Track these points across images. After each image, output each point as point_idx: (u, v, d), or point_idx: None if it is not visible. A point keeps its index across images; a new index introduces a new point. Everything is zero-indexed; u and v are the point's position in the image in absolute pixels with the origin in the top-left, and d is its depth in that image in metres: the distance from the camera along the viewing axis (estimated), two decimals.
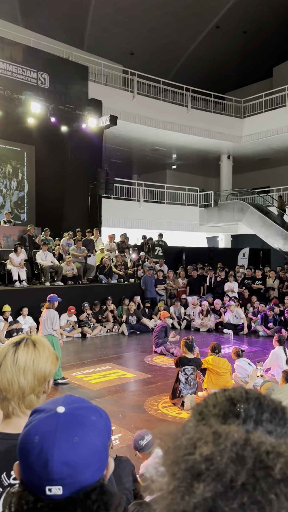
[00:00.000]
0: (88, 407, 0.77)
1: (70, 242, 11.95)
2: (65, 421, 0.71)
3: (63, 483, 0.67)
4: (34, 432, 0.71)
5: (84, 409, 0.75)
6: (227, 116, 18.85)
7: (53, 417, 0.72)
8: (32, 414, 0.76)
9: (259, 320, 10.86)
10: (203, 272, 13.37)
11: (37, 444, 0.69)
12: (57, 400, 0.77)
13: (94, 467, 0.71)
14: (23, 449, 0.71)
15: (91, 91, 14.73)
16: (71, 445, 0.69)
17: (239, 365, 6.13)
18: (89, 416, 0.74)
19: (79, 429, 0.71)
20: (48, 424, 0.71)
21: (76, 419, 0.72)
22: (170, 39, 20.74)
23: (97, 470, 0.72)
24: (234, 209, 18.67)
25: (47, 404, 0.76)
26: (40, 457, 0.68)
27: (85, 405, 0.77)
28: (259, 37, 20.65)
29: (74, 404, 0.75)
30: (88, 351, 8.82)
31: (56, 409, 0.73)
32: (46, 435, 0.70)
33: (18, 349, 1.19)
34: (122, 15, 18.85)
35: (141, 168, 24.27)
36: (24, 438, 0.72)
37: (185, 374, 5.59)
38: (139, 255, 13.33)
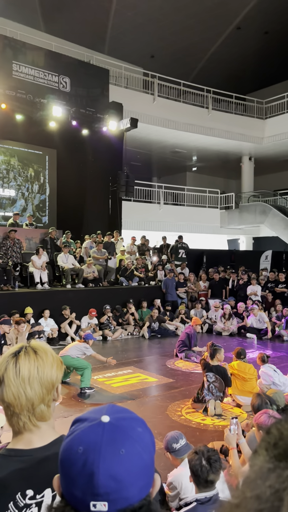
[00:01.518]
0: (133, 418, 0.71)
1: (93, 245, 11.96)
2: (110, 431, 0.66)
3: (108, 499, 0.62)
4: (78, 442, 0.66)
5: (129, 420, 0.69)
6: (248, 117, 18.63)
7: (98, 426, 0.67)
8: (73, 424, 0.71)
9: (284, 325, 10.61)
10: (225, 275, 13.17)
11: (81, 455, 0.64)
12: (101, 409, 0.71)
13: (141, 483, 0.65)
14: (65, 461, 0.66)
15: (112, 94, 14.76)
16: (117, 457, 0.64)
17: (264, 372, 5.96)
18: (135, 427, 0.69)
19: (126, 441, 0.66)
20: (92, 434, 0.66)
21: (122, 430, 0.67)
22: (190, 41, 20.65)
23: (144, 486, 0.66)
24: (256, 211, 18.40)
25: (90, 413, 0.71)
26: (85, 469, 0.63)
27: (130, 415, 0.71)
28: (280, 37, 20.35)
29: (119, 414, 0.70)
30: (109, 354, 8.73)
31: (101, 418, 0.67)
32: (91, 445, 0.65)
33: (18, 359, 1.09)
34: (143, 19, 18.87)
35: (161, 170, 24.21)
36: (67, 448, 0.67)
37: (207, 381, 5.46)
38: (160, 257, 13.24)
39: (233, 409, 5.77)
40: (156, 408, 5.74)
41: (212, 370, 5.50)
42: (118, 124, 13.98)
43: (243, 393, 5.72)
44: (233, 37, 20.38)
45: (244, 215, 18.86)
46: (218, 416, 5.43)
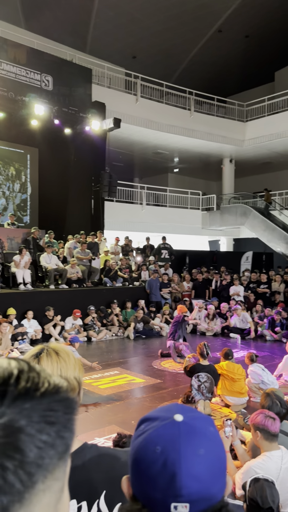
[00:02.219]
0: (204, 417, 0.68)
1: (76, 245, 11.83)
2: (186, 430, 0.63)
3: (190, 500, 0.59)
4: (154, 441, 0.63)
5: (201, 419, 0.67)
6: (229, 119, 18.82)
7: (173, 425, 0.63)
8: (141, 423, 0.68)
9: (266, 325, 10.75)
10: (208, 275, 13.26)
11: (160, 455, 0.61)
12: (169, 408, 0.68)
13: (220, 483, 0.63)
14: (141, 461, 0.63)
15: (95, 93, 14.67)
16: (197, 457, 0.61)
17: (252, 371, 6.01)
18: (208, 426, 0.66)
19: (203, 440, 0.63)
20: (168, 433, 0.63)
21: (196, 429, 0.64)
22: (172, 43, 20.75)
23: (222, 487, 0.64)
24: (237, 212, 18.62)
25: (159, 412, 0.68)
26: (165, 469, 0.60)
27: (200, 415, 0.68)
28: (261, 41, 20.69)
29: (190, 413, 0.67)
30: (95, 355, 8.67)
31: (174, 417, 0.65)
32: (169, 445, 0.61)
33: (40, 361, 1.05)
34: (125, 19, 18.85)
35: (142, 171, 24.22)
36: (142, 448, 0.63)
37: (199, 381, 5.46)
38: (144, 258, 13.22)
39: (222, 409, 5.80)
40: (146, 409, 5.69)
41: (204, 370, 5.50)
42: (101, 124, 13.90)
43: (231, 394, 5.75)
44: (214, 40, 20.60)
45: (225, 217, 19.05)
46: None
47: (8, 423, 0.40)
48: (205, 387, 5.51)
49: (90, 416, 5.40)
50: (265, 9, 18.46)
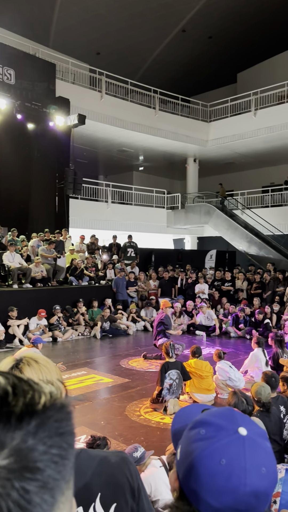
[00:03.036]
0: (262, 432, 0.69)
1: (40, 244, 11.57)
2: (250, 446, 0.65)
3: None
4: (220, 453, 0.64)
5: (261, 435, 0.68)
6: (194, 119, 19.02)
7: (238, 439, 0.65)
8: (199, 426, 0.68)
9: (230, 321, 10.96)
10: (174, 274, 13.36)
11: (225, 468, 0.63)
12: (230, 416, 0.69)
13: (271, 498, 0.68)
14: (204, 470, 0.64)
15: (59, 89, 14.40)
16: (260, 475, 0.64)
17: (220, 367, 6.10)
18: (266, 442, 0.68)
19: (265, 458, 0.66)
20: (234, 447, 0.65)
21: (260, 446, 0.66)
22: (136, 41, 20.72)
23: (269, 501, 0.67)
24: (201, 211, 18.87)
25: (221, 420, 0.68)
26: (230, 483, 0.63)
27: (259, 429, 0.69)
28: (224, 42, 21.04)
29: (251, 426, 0.68)
30: (61, 356, 8.53)
31: (238, 430, 0.66)
32: (234, 459, 0.64)
33: (23, 370, 1.00)
34: (89, 14, 18.62)
35: (107, 168, 24.06)
36: (207, 456, 0.65)
37: (170, 379, 5.48)
38: (110, 256, 13.14)
39: None
40: (115, 409, 5.66)
41: (173, 367, 5.52)
42: (66, 120, 13.67)
43: (200, 391, 5.81)
44: (178, 39, 20.76)
45: (190, 215, 19.27)
46: None
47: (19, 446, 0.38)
48: (176, 384, 5.54)
49: None
50: (228, 11, 18.78)
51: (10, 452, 0.37)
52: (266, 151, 18.90)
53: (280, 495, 3.19)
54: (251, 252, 16.68)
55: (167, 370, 5.43)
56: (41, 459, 0.38)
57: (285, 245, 16.65)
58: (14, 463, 0.37)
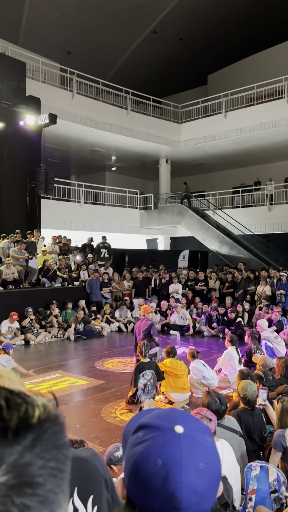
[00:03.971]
0: (203, 428, 0.69)
1: (11, 245, 11.34)
2: (187, 443, 0.64)
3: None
4: (155, 454, 0.63)
5: (201, 430, 0.67)
6: (165, 120, 19.13)
7: (173, 438, 0.64)
8: (138, 430, 0.68)
9: (204, 321, 11.09)
10: (147, 274, 13.39)
11: (161, 469, 0.62)
12: (168, 416, 0.68)
13: (215, 493, 0.66)
14: (142, 472, 0.64)
15: (29, 88, 14.18)
16: (197, 471, 0.63)
17: (194, 367, 6.17)
18: (207, 437, 0.67)
19: (203, 454, 0.65)
20: (169, 446, 0.64)
21: (197, 442, 0.65)
22: (107, 41, 20.67)
23: (215, 495, 0.67)
24: (174, 212, 19.00)
25: (158, 420, 0.67)
26: (167, 484, 0.62)
27: (199, 425, 0.68)
28: (194, 44, 21.29)
29: (190, 423, 0.67)
30: (34, 359, 8.40)
31: (175, 428, 0.65)
32: (170, 459, 0.63)
33: None
34: (59, 13, 18.44)
35: (79, 168, 23.87)
36: (143, 459, 0.64)
37: (145, 379, 5.49)
38: (84, 257, 13.03)
39: (166, 406, 5.87)
40: (90, 411, 5.62)
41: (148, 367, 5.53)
42: (36, 119, 13.47)
43: (175, 390, 5.85)
44: (149, 41, 20.85)
45: (163, 216, 19.37)
46: None
47: (17, 462, 0.37)
48: (150, 384, 5.56)
49: None
50: (199, 14, 19.01)
51: (8, 469, 0.36)
52: (236, 152, 19.23)
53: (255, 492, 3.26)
54: (223, 252, 16.93)
55: (142, 370, 5.44)
56: (39, 473, 0.38)
57: (255, 245, 17.00)
58: (12, 479, 0.36)
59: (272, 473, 3.19)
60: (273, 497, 3.14)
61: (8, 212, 13.58)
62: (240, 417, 3.90)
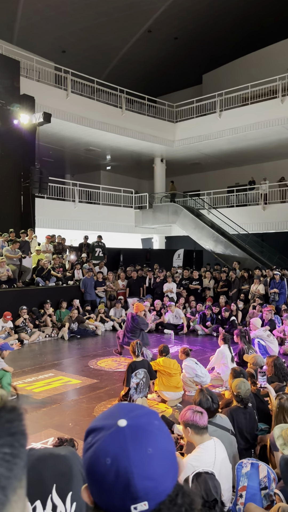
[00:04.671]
0: (147, 413, 0.70)
1: (4, 244, 11.31)
2: (132, 434, 0.66)
3: (148, 498, 0.64)
4: (103, 453, 0.65)
5: (145, 416, 0.69)
6: (160, 119, 19.14)
7: (118, 433, 0.66)
8: (88, 436, 0.69)
9: (198, 319, 11.11)
10: (142, 273, 13.40)
11: (111, 466, 0.64)
12: (112, 413, 0.70)
13: (172, 472, 0.68)
14: (95, 474, 0.65)
15: (23, 86, 14.13)
16: (147, 458, 0.65)
17: (187, 365, 6.17)
18: (153, 421, 0.69)
19: (150, 439, 0.66)
20: (115, 442, 0.65)
21: (142, 429, 0.67)
22: (102, 40, 20.64)
23: (175, 473, 0.69)
24: (169, 211, 19.02)
25: (103, 420, 0.69)
26: (119, 479, 0.63)
27: (143, 411, 0.70)
28: (189, 44, 21.30)
29: (133, 413, 0.69)
30: (27, 359, 8.38)
31: (118, 423, 0.66)
32: (118, 454, 0.64)
33: None
34: (54, 12, 18.38)
35: (74, 168, 23.83)
36: (94, 461, 0.66)
37: (137, 378, 5.49)
38: (78, 256, 13.00)
39: (159, 405, 5.89)
40: (83, 410, 5.62)
41: (140, 365, 5.54)
42: (30, 118, 13.43)
43: (168, 388, 5.86)
44: (144, 40, 20.84)
45: (158, 215, 19.38)
46: None
47: None
48: (143, 383, 5.56)
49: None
50: (194, 13, 19.02)
51: None
52: (231, 152, 19.28)
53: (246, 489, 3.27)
54: (218, 251, 16.97)
55: (134, 369, 5.45)
56: None
57: (250, 244, 17.05)
58: None
59: (262, 470, 3.20)
60: (263, 494, 3.16)
61: (2, 211, 13.53)
62: (233, 415, 3.91)
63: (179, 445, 4.08)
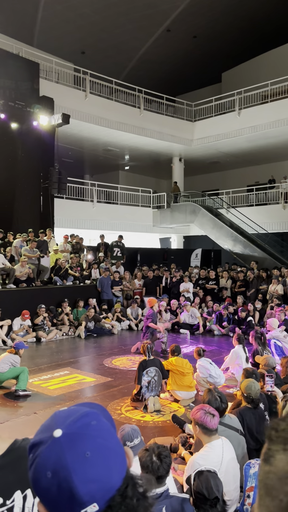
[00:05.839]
0: (83, 415, 0.70)
1: (23, 244, 11.52)
2: (67, 442, 0.66)
3: (95, 499, 0.64)
4: (43, 468, 0.66)
5: (81, 419, 0.69)
6: (178, 119, 19.09)
7: (54, 444, 0.67)
8: (30, 452, 0.70)
9: (214, 320, 11.05)
10: (158, 273, 13.41)
11: (52, 479, 0.65)
12: (49, 424, 0.70)
13: (116, 467, 0.68)
14: (40, 489, 0.67)
15: (43, 88, 14.34)
16: (85, 462, 0.65)
17: (201, 365, 6.16)
18: (89, 423, 0.69)
19: (86, 442, 0.67)
20: (53, 454, 0.66)
21: (78, 435, 0.67)
22: (121, 40, 20.72)
23: (121, 467, 0.69)
24: (187, 210, 18.96)
25: (41, 434, 0.70)
26: (62, 490, 0.64)
27: (79, 414, 0.70)
28: (208, 42, 21.16)
29: (68, 420, 0.69)
30: (44, 356, 8.53)
31: (53, 434, 0.67)
32: (57, 466, 0.65)
33: None
34: (73, 13, 18.57)
35: (93, 168, 24.02)
36: (36, 477, 0.67)
37: (148, 376, 5.52)
38: (95, 256, 13.13)
39: (171, 404, 5.90)
40: None
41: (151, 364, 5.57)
42: (50, 119, 13.63)
43: (181, 388, 5.87)
44: (163, 39, 20.81)
45: (176, 215, 19.34)
46: (157, 412, 5.52)
47: None
48: (154, 381, 5.59)
49: (39, 418, 5.31)
50: (213, 11, 18.89)
51: None
52: (250, 150, 19.07)
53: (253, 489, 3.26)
54: (236, 251, 16.81)
55: (145, 368, 5.48)
56: None
57: (269, 244, 16.83)
58: None
59: None
60: None
61: (22, 211, 13.78)
62: (243, 416, 3.90)
63: (188, 444, 4.09)
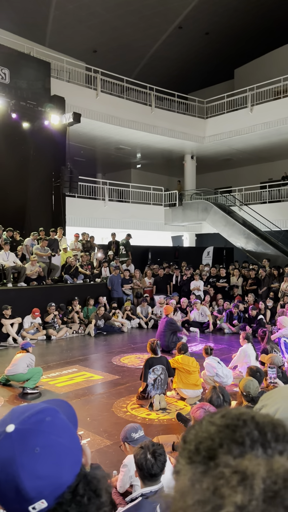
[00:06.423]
0: (39, 411, 0.70)
1: (34, 243, 11.63)
2: (18, 437, 0.66)
3: (43, 496, 0.64)
4: None
5: (35, 415, 0.69)
6: (190, 116, 18.99)
7: (6, 439, 0.66)
8: None
9: (224, 318, 10.98)
10: (169, 271, 13.39)
11: (0, 474, 0.65)
12: (4, 420, 0.70)
13: (68, 464, 0.67)
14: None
15: (54, 87, 14.42)
16: (34, 458, 0.65)
17: (208, 363, 6.13)
18: (43, 419, 0.69)
19: (37, 438, 0.67)
20: (3, 449, 0.66)
21: (30, 430, 0.67)
22: (133, 38, 20.69)
23: (73, 464, 0.68)
24: (198, 208, 18.86)
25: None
26: (8, 485, 0.64)
27: (34, 410, 0.70)
28: (220, 39, 20.98)
29: (23, 416, 0.69)
30: (54, 354, 8.60)
31: (6, 429, 0.67)
32: (5, 461, 0.65)
33: None
34: (85, 12, 18.61)
35: (105, 166, 24.08)
36: None
37: (155, 374, 5.52)
38: (105, 254, 13.17)
39: (177, 402, 5.88)
40: (102, 405, 5.71)
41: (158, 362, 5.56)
42: (61, 118, 13.69)
43: (187, 386, 5.85)
44: (175, 36, 20.71)
45: (187, 213, 19.26)
46: (163, 410, 5.51)
47: None
48: (161, 379, 5.58)
49: None
50: (225, 7, 18.72)
51: None
52: (263, 147, 18.86)
53: None
54: (249, 248, 16.67)
55: (152, 365, 5.47)
56: None
57: (283, 241, 16.63)
58: None
59: None
60: None
61: (34, 210, 13.91)
62: None
63: None
